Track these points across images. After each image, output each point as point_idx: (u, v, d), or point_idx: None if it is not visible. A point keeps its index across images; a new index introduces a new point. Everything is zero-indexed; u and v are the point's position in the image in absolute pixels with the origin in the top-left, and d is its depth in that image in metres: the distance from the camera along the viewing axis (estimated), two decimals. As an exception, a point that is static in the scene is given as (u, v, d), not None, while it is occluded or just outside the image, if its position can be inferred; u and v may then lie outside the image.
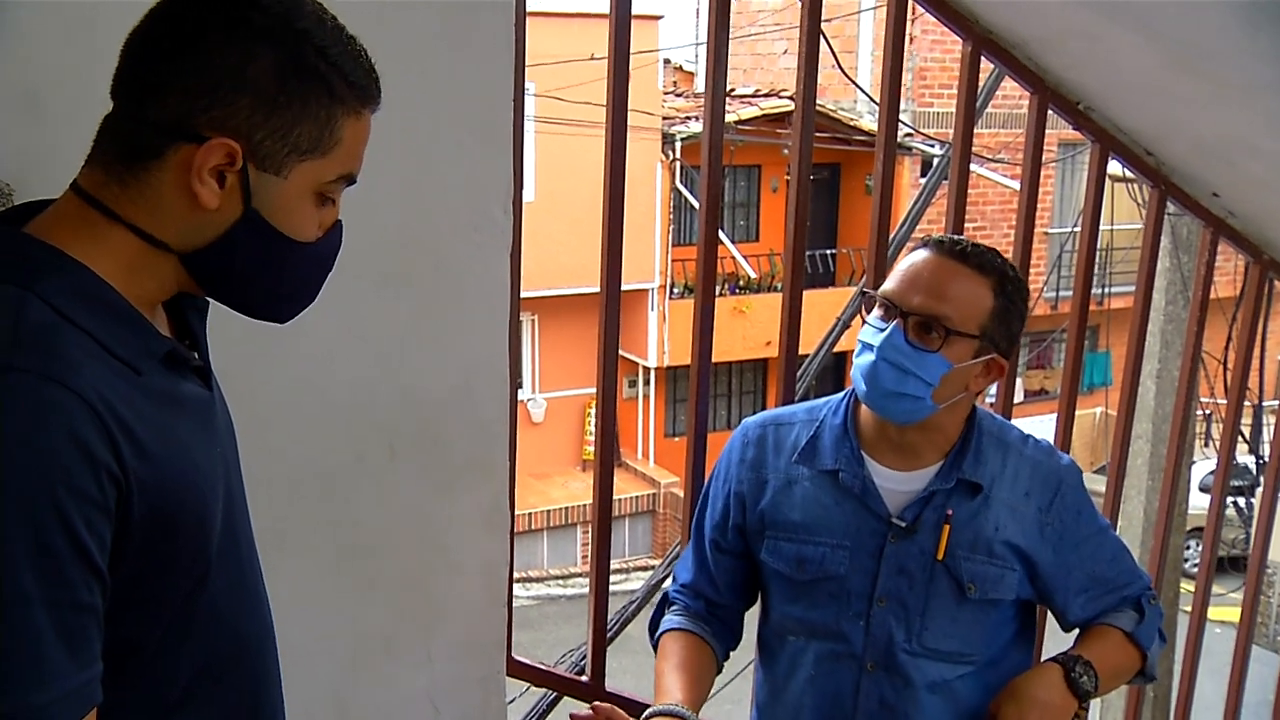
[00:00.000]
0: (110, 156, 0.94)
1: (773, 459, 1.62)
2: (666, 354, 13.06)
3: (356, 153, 1.01)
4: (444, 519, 1.78)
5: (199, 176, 0.92)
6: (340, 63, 0.96)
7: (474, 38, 1.65)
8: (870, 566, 1.54)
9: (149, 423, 0.91)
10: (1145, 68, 2.16)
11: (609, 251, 1.89)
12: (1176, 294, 5.33)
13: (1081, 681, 1.54)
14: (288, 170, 0.96)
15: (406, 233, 1.66)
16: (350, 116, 0.98)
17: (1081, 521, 1.60)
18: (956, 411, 1.55)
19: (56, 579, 0.84)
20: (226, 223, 0.95)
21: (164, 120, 0.92)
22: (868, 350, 1.50)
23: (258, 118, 0.92)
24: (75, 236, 0.93)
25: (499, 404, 1.78)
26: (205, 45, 0.92)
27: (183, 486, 0.95)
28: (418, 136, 1.63)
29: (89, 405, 0.86)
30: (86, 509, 0.85)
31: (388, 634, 1.77)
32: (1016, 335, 1.55)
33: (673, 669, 1.59)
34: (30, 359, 0.85)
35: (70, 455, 0.84)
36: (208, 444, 1.02)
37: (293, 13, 0.94)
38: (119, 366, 0.91)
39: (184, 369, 1.01)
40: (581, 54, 8.99)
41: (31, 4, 1.36)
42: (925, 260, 1.51)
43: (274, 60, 0.92)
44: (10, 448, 0.82)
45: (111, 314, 0.93)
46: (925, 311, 1.47)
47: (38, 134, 1.38)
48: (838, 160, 13.41)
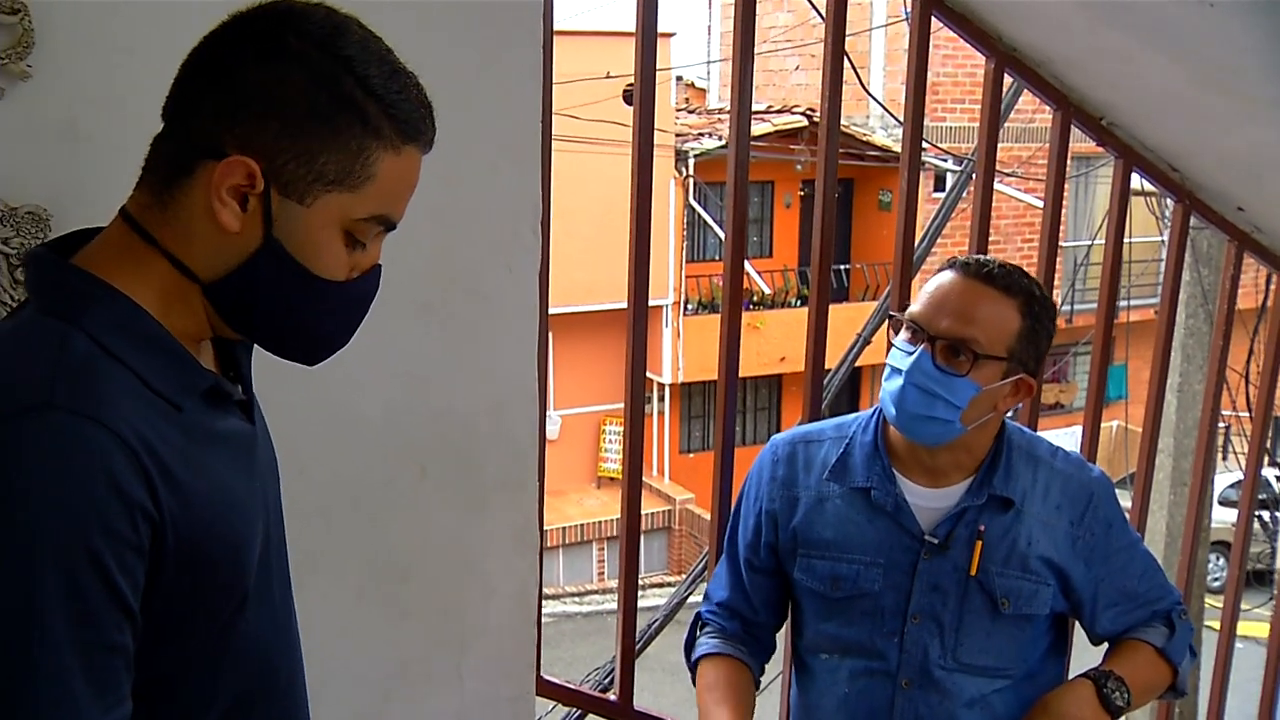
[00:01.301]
0: (155, 176, 0.94)
1: (803, 476, 1.62)
2: (681, 370, 13.05)
3: (394, 193, 0.97)
4: (476, 539, 1.78)
5: (218, 195, 0.91)
6: (383, 94, 0.93)
7: (503, 61, 1.66)
8: (904, 583, 1.54)
9: (186, 460, 0.91)
10: (1171, 85, 2.16)
11: (636, 276, 1.90)
12: (1197, 307, 5.31)
13: (1114, 698, 1.53)
14: (311, 199, 0.93)
15: (440, 256, 1.67)
16: (388, 152, 0.94)
17: (1113, 534, 1.59)
18: (985, 430, 1.55)
19: (87, 620, 0.83)
20: (247, 250, 0.93)
21: (197, 137, 0.92)
22: (896, 375, 1.50)
23: (283, 140, 0.91)
24: (120, 266, 0.93)
25: (529, 423, 1.79)
26: (240, 64, 0.91)
27: (219, 524, 0.94)
28: (450, 160, 1.63)
29: (125, 443, 0.85)
30: (120, 549, 0.84)
31: (419, 655, 1.78)
32: (1044, 354, 1.54)
33: (718, 701, 1.59)
34: (68, 397, 0.85)
35: (105, 496, 0.84)
36: (247, 479, 1.01)
37: (335, 40, 0.92)
38: (159, 403, 0.90)
39: (227, 404, 1.00)
40: (595, 72, 9.02)
41: (70, 33, 1.37)
42: (951, 282, 1.50)
43: (306, 84, 0.91)
44: (46, 488, 0.82)
45: (154, 347, 0.92)
46: (953, 335, 1.47)
47: (75, 160, 1.39)
48: (850, 176, 13.41)
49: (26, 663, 0.81)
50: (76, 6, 1.38)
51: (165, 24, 1.41)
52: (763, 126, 12.09)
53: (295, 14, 0.93)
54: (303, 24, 0.92)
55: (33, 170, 1.37)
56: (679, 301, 12.93)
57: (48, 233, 1.35)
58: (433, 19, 1.60)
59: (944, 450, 1.54)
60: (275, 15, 0.93)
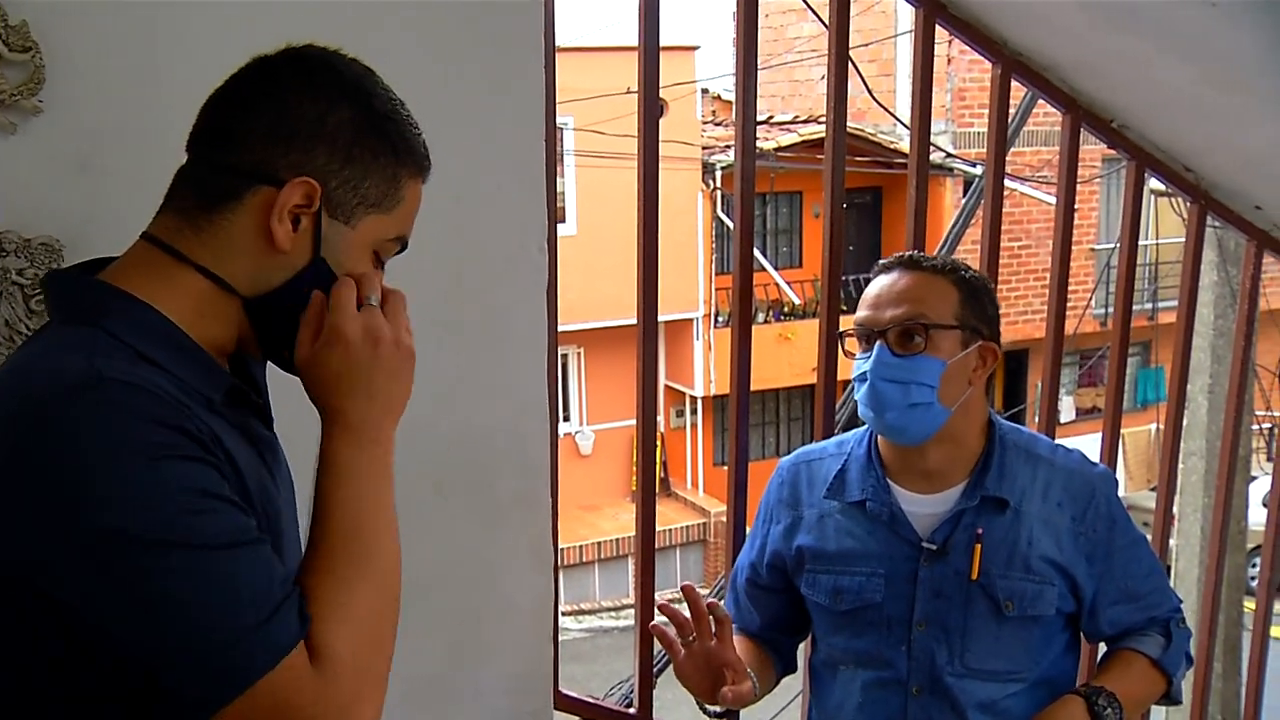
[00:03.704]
0: (187, 203, 0.98)
1: (806, 494, 1.65)
2: (713, 383, 13.04)
3: (412, 215, 1.06)
4: (491, 555, 1.80)
5: (279, 216, 0.96)
6: (404, 130, 1.03)
7: (506, 82, 1.68)
8: (906, 592, 1.55)
9: (231, 444, 0.94)
10: (1182, 85, 2.15)
11: (644, 286, 1.91)
12: (1226, 307, 5.24)
13: (1105, 715, 1.52)
14: (356, 220, 1.00)
15: (450, 275, 1.69)
16: (411, 180, 1.04)
17: (1116, 531, 1.59)
18: (971, 419, 1.56)
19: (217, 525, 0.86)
20: (295, 267, 0.99)
21: (245, 165, 0.97)
22: (862, 381, 1.53)
23: (333, 166, 0.98)
24: (145, 280, 0.97)
25: (542, 440, 1.80)
26: (287, 96, 0.98)
27: (264, 507, 0.97)
28: (456, 180, 1.66)
29: (181, 404, 0.89)
30: (207, 469, 0.88)
31: (437, 670, 1.79)
32: (995, 320, 1.57)
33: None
34: (116, 372, 0.87)
35: (172, 434, 0.86)
36: (272, 481, 1.04)
37: (366, 79, 1.02)
38: (196, 394, 0.94)
39: (246, 406, 1.03)
40: (618, 87, 9.06)
41: (80, 70, 1.41)
42: (882, 280, 1.56)
43: (351, 115, 0.99)
44: (120, 443, 0.84)
45: (175, 349, 0.95)
46: (900, 320, 1.51)
47: (86, 193, 1.42)
48: (879, 184, 13.37)
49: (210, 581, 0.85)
50: (86, 44, 1.41)
51: (173, 60, 1.45)
52: (789, 137, 12.10)
53: (332, 55, 1.03)
54: (338, 62, 1.02)
55: (45, 202, 1.40)
56: (709, 314, 12.93)
57: (60, 263, 1.38)
58: (434, 43, 1.62)
59: (933, 447, 1.55)
60: (312, 56, 1.02)
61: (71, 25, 1.40)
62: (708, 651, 1.50)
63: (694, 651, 1.51)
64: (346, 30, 1.15)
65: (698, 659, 1.51)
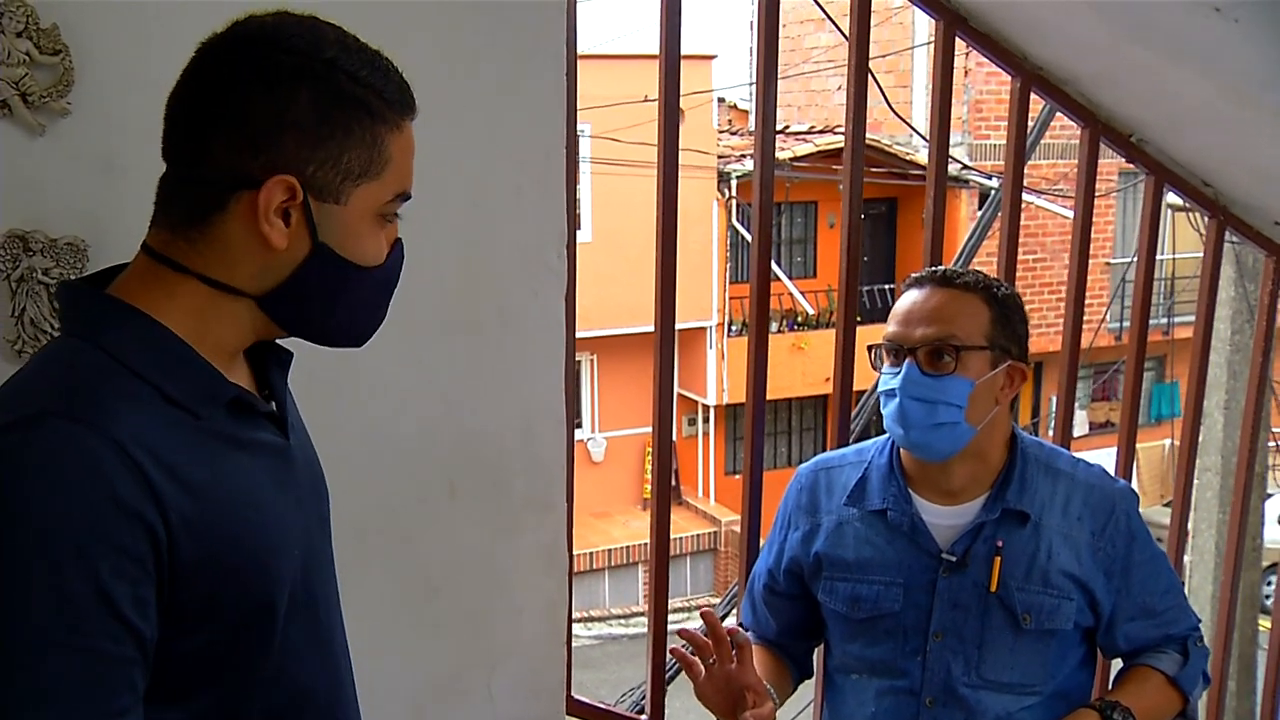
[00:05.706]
0: (174, 217, 0.97)
1: (825, 501, 1.65)
2: (726, 392, 13.03)
3: (406, 167, 1.03)
4: (505, 559, 1.80)
5: (266, 219, 0.94)
6: (373, 83, 0.97)
7: (527, 86, 1.69)
8: (924, 602, 1.55)
9: (204, 464, 0.93)
10: (1201, 100, 2.15)
11: (662, 296, 1.92)
12: (1243, 323, 5.22)
13: None
14: (346, 197, 0.98)
15: (467, 279, 1.70)
16: (394, 133, 1.00)
17: (1135, 547, 1.58)
18: (995, 434, 1.56)
19: (80, 628, 0.84)
20: (297, 260, 0.98)
21: (218, 175, 0.95)
22: (891, 396, 1.53)
23: (305, 151, 0.95)
24: (147, 291, 0.97)
25: (557, 443, 1.81)
26: (241, 96, 0.94)
27: (241, 527, 0.95)
28: (476, 186, 1.68)
29: (122, 449, 0.87)
30: (116, 558, 0.85)
31: (450, 673, 1.80)
32: (1024, 339, 1.57)
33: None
34: (67, 406, 0.87)
35: (99, 503, 0.85)
36: (277, 489, 1.03)
37: (318, 45, 0.96)
38: (175, 411, 0.93)
39: (254, 416, 1.03)
40: (635, 95, 9.08)
41: (108, 71, 1.42)
42: (914, 296, 1.55)
43: (310, 96, 0.94)
44: (40, 494, 0.84)
45: (173, 359, 0.95)
46: (931, 339, 1.51)
47: (112, 193, 1.43)
48: (894, 195, 13.36)
49: (19, 668, 0.83)
50: (114, 46, 1.43)
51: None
52: (805, 147, 12.09)
53: (273, 31, 0.96)
54: (285, 40, 0.95)
55: (72, 203, 1.42)
56: (723, 323, 12.92)
57: (86, 263, 1.40)
58: (455, 47, 1.63)
59: (957, 463, 1.55)
60: (257, 39, 0.95)
61: (101, 27, 1.41)
62: (728, 674, 1.50)
63: (715, 674, 1.50)
64: (369, 37, 1.16)
65: (718, 681, 1.51)
